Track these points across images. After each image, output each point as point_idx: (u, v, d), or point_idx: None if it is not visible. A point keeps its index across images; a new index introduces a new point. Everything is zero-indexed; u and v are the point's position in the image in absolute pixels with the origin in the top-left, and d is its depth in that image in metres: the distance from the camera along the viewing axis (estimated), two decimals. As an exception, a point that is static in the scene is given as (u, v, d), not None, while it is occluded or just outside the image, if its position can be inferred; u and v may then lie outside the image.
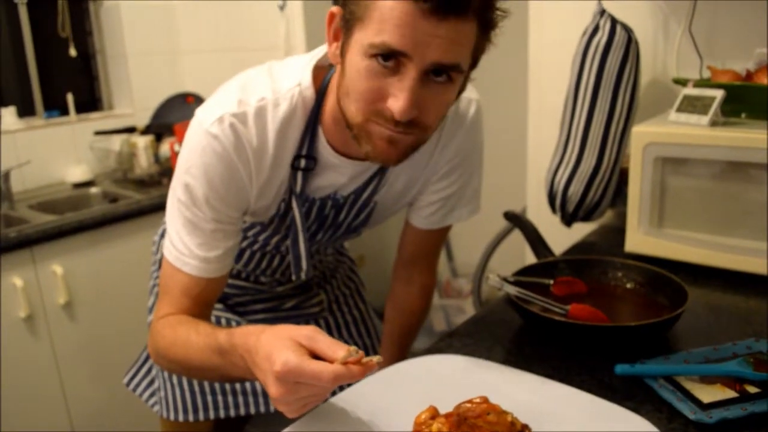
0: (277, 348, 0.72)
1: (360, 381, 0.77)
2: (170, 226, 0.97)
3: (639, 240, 1.35)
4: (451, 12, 0.75)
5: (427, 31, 0.75)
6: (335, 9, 0.85)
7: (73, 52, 2.74)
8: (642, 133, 1.30)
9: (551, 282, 1.15)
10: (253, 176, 0.95)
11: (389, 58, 0.78)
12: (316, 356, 0.72)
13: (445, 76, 0.81)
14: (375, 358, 0.71)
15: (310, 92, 0.94)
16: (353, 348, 0.70)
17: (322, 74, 0.96)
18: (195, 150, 0.92)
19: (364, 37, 0.79)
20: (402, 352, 1.36)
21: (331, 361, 0.70)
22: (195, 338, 0.90)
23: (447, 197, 1.15)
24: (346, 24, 0.82)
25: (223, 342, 0.84)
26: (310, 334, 0.74)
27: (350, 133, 0.87)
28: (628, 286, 1.17)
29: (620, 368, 0.90)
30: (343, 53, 0.84)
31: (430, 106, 0.83)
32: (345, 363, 0.70)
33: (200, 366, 0.90)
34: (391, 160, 0.88)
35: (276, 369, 0.70)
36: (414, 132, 0.84)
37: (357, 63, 0.81)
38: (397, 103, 0.79)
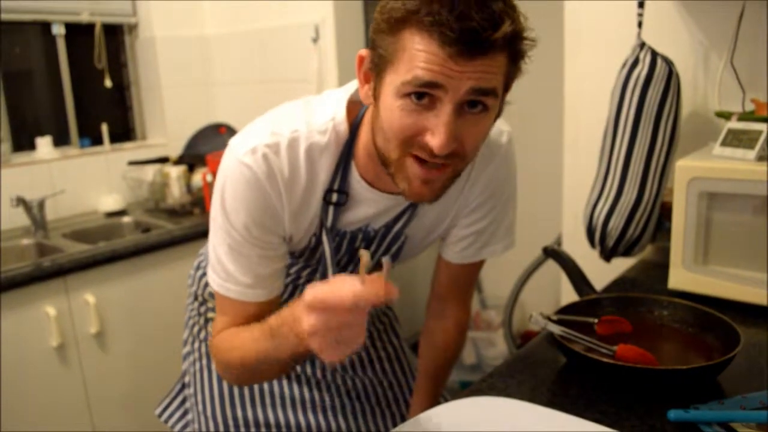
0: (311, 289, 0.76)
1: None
2: (213, 254, 0.99)
3: (683, 277, 1.31)
4: (476, 53, 0.75)
5: (456, 69, 0.76)
6: (364, 52, 0.86)
7: (108, 83, 2.79)
8: (686, 167, 1.27)
9: (595, 321, 1.12)
10: (284, 204, 0.96)
11: (423, 96, 0.79)
12: None
13: (480, 106, 0.81)
14: (385, 262, 0.74)
15: (343, 126, 0.95)
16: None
17: (355, 108, 0.97)
18: (229, 179, 0.94)
19: (396, 78, 0.80)
20: (437, 389, 1.33)
21: None
22: (250, 333, 0.95)
23: (480, 231, 1.13)
24: (376, 67, 0.83)
25: (272, 322, 0.89)
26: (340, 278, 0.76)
27: (386, 170, 0.88)
28: (675, 325, 1.13)
29: (674, 414, 0.87)
30: (375, 96, 0.85)
31: (468, 136, 0.83)
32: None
33: (256, 359, 0.93)
34: (425, 198, 0.89)
35: (307, 300, 0.74)
36: (452, 163, 0.85)
37: (390, 104, 0.81)
38: (435, 139, 0.79)
